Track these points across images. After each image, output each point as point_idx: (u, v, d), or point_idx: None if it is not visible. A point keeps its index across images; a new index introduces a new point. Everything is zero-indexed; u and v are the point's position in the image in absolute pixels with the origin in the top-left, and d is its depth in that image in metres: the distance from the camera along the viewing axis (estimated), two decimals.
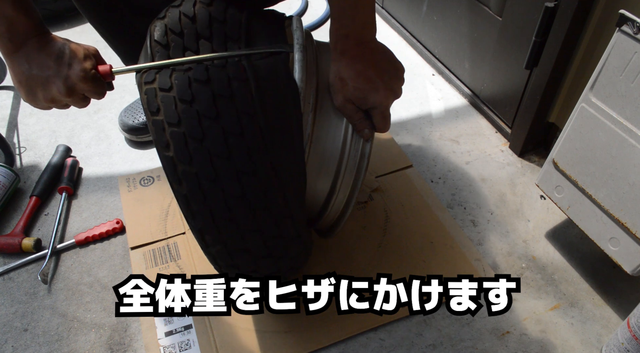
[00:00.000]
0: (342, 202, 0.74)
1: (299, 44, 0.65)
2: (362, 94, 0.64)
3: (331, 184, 0.72)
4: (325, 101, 0.68)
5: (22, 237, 0.94)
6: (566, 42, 0.91)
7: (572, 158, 0.81)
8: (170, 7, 0.63)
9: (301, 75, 0.63)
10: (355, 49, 0.63)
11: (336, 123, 0.68)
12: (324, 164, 0.70)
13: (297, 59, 0.64)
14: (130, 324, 0.84)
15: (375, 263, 0.90)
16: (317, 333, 0.81)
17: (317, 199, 0.74)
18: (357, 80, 0.63)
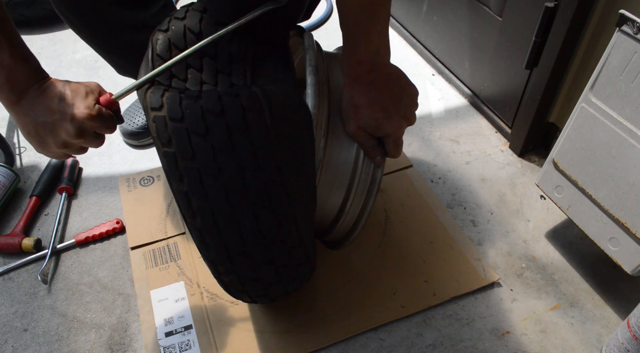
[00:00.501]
0: (351, 222, 0.74)
1: (311, 66, 0.64)
2: (376, 123, 0.63)
3: (341, 205, 0.72)
4: (337, 124, 0.67)
5: (22, 237, 0.94)
6: (566, 42, 0.91)
7: (572, 158, 0.81)
8: (173, 19, 0.62)
9: (314, 101, 0.61)
10: (368, 76, 0.62)
11: (348, 147, 0.68)
12: (334, 186, 0.70)
13: (309, 83, 0.62)
14: (130, 324, 0.84)
15: (375, 264, 0.90)
16: (317, 333, 0.81)
17: (326, 217, 0.74)
18: (370, 109, 0.62)
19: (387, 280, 0.88)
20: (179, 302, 0.85)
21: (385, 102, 0.62)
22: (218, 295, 0.86)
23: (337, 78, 0.70)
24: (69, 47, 1.51)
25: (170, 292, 0.86)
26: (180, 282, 0.88)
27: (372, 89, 0.62)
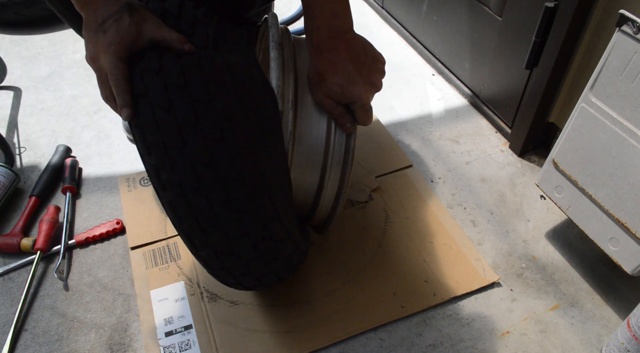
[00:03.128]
0: (332, 197, 0.74)
1: (274, 41, 0.64)
2: (340, 89, 0.63)
3: (319, 179, 0.72)
4: (306, 97, 0.68)
5: (21, 237, 0.94)
6: (566, 42, 0.91)
7: (572, 158, 0.81)
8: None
9: (277, 74, 0.62)
10: (329, 42, 0.62)
11: (318, 118, 0.68)
12: (309, 159, 0.70)
13: (272, 58, 0.63)
14: (130, 324, 0.84)
15: (375, 263, 0.90)
16: (317, 333, 0.81)
17: (307, 195, 0.74)
18: (334, 75, 0.63)
19: (387, 280, 0.88)
20: (179, 301, 0.85)
21: (348, 68, 0.63)
22: (218, 295, 0.86)
23: (305, 58, 0.70)
24: (68, 47, 1.51)
25: (170, 292, 0.86)
26: (180, 282, 0.88)
27: (334, 55, 0.62)
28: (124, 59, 0.54)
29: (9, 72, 1.38)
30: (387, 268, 0.90)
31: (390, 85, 1.34)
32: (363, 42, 0.66)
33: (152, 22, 0.55)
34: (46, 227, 0.94)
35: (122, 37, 0.54)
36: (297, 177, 0.70)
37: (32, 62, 1.45)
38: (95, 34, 0.55)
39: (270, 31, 0.65)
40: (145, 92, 0.54)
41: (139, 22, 0.55)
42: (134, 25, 0.54)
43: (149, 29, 0.55)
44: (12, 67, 1.41)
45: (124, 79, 0.55)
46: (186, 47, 0.56)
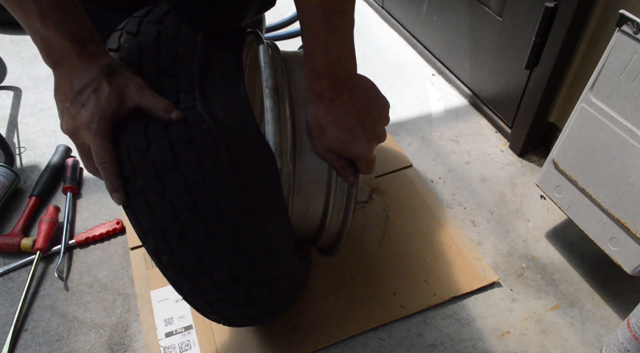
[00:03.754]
0: (334, 233, 0.72)
1: (268, 88, 0.59)
2: (342, 145, 0.59)
3: (319, 224, 0.71)
4: (304, 142, 0.63)
5: (21, 237, 0.94)
6: (566, 42, 0.91)
7: (572, 158, 0.81)
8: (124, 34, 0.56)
9: (274, 128, 0.57)
10: (330, 91, 0.57)
11: (318, 164, 0.64)
12: (309, 207, 0.68)
13: (268, 108, 0.58)
14: (130, 324, 0.84)
15: (376, 263, 0.90)
16: (317, 333, 0.81)
17: (310, 229, 0.73)
18: (335, 130, 0.58)
19: (387, 280, 0.88)
20: (179, 302, 0.85)
21: (350, 122, 0.58)
22: None
23: (300, 82, 0.66)
24: None
25: (171, 292, 0.86)
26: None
27: (336, 106, 0.58)
28: (108, 136, 0.49)
29: (9, 72, 1.38)
30: (387, 268, 0.90)
31: (390, 85, 1.34)
32: (367, 86, 0.62)
33: (134, 87, 0.51)
34: (46, 227, 0.94)
35: (103, 110, 0.49)
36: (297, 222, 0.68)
37: (32, 62, 1.45)
38: (71, 105, 0.49)
39: (263, 75, 0.60)
40: (134, 174, 0.50)
41: (119, 88, 0.50)
42: (114, 94, 0.49)
43: (131, 96, 0.50)
44: (12, 67, 1.41)
45: (111, 161, 0.50)
46: (173, 116, 0.51)
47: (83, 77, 0.49)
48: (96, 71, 0.49)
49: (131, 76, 0.51)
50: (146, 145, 0.49)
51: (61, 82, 0.50)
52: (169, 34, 0.55)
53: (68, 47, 0.49)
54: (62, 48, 0.49)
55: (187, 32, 0.57)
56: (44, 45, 0.49)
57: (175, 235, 0.52)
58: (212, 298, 0.59)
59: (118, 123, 0.50)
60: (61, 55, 0.49)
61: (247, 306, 0.61)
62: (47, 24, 0.48)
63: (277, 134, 0.58)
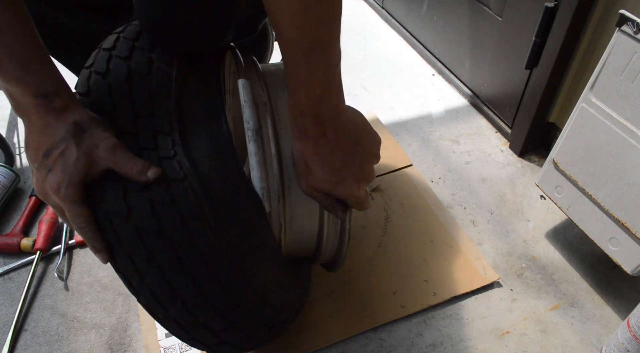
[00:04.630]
0: (330, 258, 0.72)
1: (250, 130, 0.56)
2: (329, 186, 0.57)
3: (314, 251, 0.70)
4: (293, 179, 0.61)
5: (21, 237, 0.94)
6: (566, 42, 0.91)
7: (572, 158, 0.81)
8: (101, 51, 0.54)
9: (260, 174, 0.56)
10: (315, 129, 0.54)
11: (309, 199, 0.62)
12: (302, 239, 0.67)
13: (251, 152, 0.56)
14: (130, 324, 0.84)
15: (376, 263, 0.90)
16: (317, 333, 0.81)
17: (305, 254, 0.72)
18: (322, 171, 0.56)
19: (387, 280, 0.88)
20: None
21: (336, 162, 0.56)
22: None
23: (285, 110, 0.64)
24: None
25: None
26: None
27: (322, 145, 0.55)
28: (79, 201, 0.47)
29: None
30: (387, 268, 0.90)
31: (390, 85, 1.34)
32: (357, 123, 0.59)
33: (104, 148, 0.47)
34: (46, 227, 0.94)
35: (71, 175, 0.46)
36: (291, 251, 0.68)
37: None
38: (39, 168, 0.47)
39: (244, 115, 0.57)
40: (119, 240, 0.48)
41: (88, 150, 0.46)
42: (83, 157, 0.46)
43: (102, 158, 0.47)
44: None
45: (89, 225, 0.47)
46: (150, 175, 0.48)
47: (50, 136, 0.46)
48: (64, 130, 0.46)
49: (102, 135, 0.47)
50: (127, 211, 0.47)
51: (29, 137, 0.47)
52: (140, 71, 0.52)
53: (32, 102, 0.46)
54: (27, 102, 0.46)
55: (160, 66, 0.54)
56: (10, 98, 0.47)
57: (167, 296, 0.51)
58: (210, 342, 0.59)
59: (95, 184, 0.48)
60: (27, 110, 0.46)
61: (246, 343, 0.62)
62: (8, 78, 0.45)
63: (263, 179, 0.56)
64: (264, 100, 0.63)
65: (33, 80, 0.45)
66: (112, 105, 0.51)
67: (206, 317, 0.54)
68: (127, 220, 0.47)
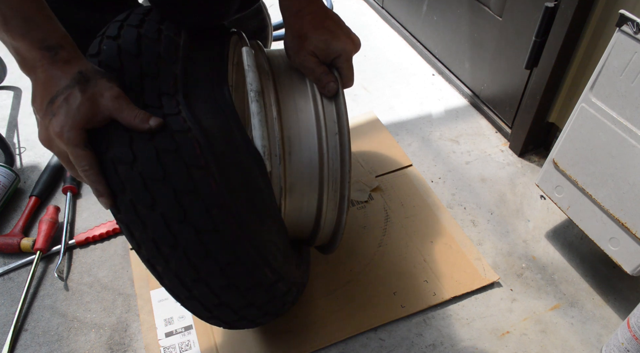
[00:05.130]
0: (330, 232, 0.72)
1: (253, 91, 0.59)
2: (325, 44, 0.64)
3: (314, 223, 0.71)
4: (294, 143, 0.65)
5: (21, 237, 0.94)
6: (566, 42, 0.91)
7: (572, 158, 0.81)
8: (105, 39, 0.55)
9: (261, 133, 0.58)
10: (310, 7, 0.64)
11: (309, 164, 0.65)
12: (303, 207, 0.68)
13: (254, 112, 0.58)
14: (130, 324, 0.84)
15: (375, 263, 0.90)
16: (317, 333, 0.81)
17: (305, 230, 0.72)
18: (317, 31, 0.63)
19: (387, 280, 0.88)
20: None
21: (330, 25, 0.64)
22: None
23: (287, 84, 0.68)
24: None
25: None
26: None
27: (316, 16, 0.64)
28: (82, 144, 0.48)
29: (9, 72, 1.38)
30: (387, 268, 0.90)
31: (390, 85, 1.34)
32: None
33: (108, 96, 0.49)
34: (46, 227, 0.94)
35: (74, 119, 0.47)
36: (292, 221, 0.68)
37: None
38: (44, 115, 0.48)
39: (247, 78, 0.60)
40: (123, 188, 0.49)
41: (93, 97, 0.48)
42: (87, 103, 0.48)
43: (105, 106, 0.49)
44: (12, 67, 1.41)
45: (92, 168, 0.49)
46: (152, 123, 0.50)
47: (55, 85, 0.48)
48: (69, 78, 0.48)
49: (107, 85, 0.49)
50: (132, 157, 0.49)
51: (36, 90, 0.49)
52: (150, 36, 0.55)
53: (38, 55, 0.47)
54: (32, 56, 0.47)
55: (169, 34, 0.56)
56: (16, 54, 0.48)
57: (168, 246, 0.51)
58: (210, 304, 0.59)
59: (101, 132, 0.49)
60: (33, 64, 0.48)
61: (245, 310, 0.61)
62: (13, 34, 0.46)
63: (264, 138, 0.58)
64: (266, 69, 0.67)
65: (38, 34, 0.47)
66: (120, 64, 0.52)
67: (206, 271, 0.54)
68: (132, 166, 0.49)
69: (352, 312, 0.83)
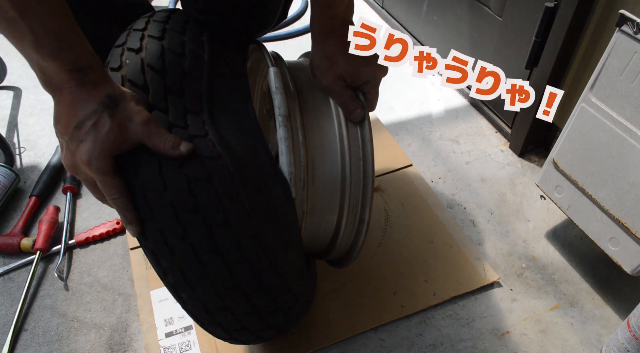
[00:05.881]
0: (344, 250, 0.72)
1: (281, 115, 0.58)
2: (354, 69, 0.63)
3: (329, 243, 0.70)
4: (318, 167, 0.64)
5: (21, 237, 0.94)
6: (566, 42, 0.91)
7: (572, 158, 0.81)
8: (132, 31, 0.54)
9: (288, 159, 0.57)
10: (342, 28, 0.62)
11: (331, 189, 0.65)
12: (321, 228, 0.68)
13: (281, 137, 0.57)
14: (130, 324, 0.84)
15: (376, 263, 0.90)
16: (317, 333, 0.81)
17: (319, 247, 0.72)
18: (348, 55, 0.60)
19: (387, 280, 0.88)
20: None
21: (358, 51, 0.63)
22: None
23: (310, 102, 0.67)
24: None
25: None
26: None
27: (346, 40, 0.61)
28: (111, 172, 0.47)
29: (9, 72, 1.38)
30: (387, 268, 0.90)
31: (390, 85, 1.34)
32: None
33: (137, 121, 0.47)
34: (46, 227, 0.94)
35: (103, 147, 0.46)
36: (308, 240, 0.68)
37: None
38: (70, 140, 0.46)
39: (275, 101, 0.59)
40: (152, 216, 0.48)
41: (122, 123, 0.47)
42: (116, 130, 0.46)
43: (134, 132, 0.47)
44: (12, 67, 1.41)
45: (121, 196, 0.48)
46: (183, 149, 0.48)
47: (82, 108, 0.46)
48: (97, 103, 0.46)
49: (135, 108, 0.48)
50: (163, 186, 0.47)
51: (60, 112, 0.47)
52: (174, 50, 0.53)
53: (66, 77, 0.45)
54: (60, 77, 0.45)
55: (193, 49, 0.55)
56: (41, 73, 0.46)
57: (195, 275, 0.51)
58: (231, 328, 0.59)
59: (129, 156, 0.48)
60: (59, 85, 0.46)
61: (264, 331, 0.62)
62: (43, 53, 0.44)
63: (291, 164, 0.57)
64: (292, 90, 0.66)
65: (69, 55, 0.45)
66: (144, 80, 0.51)
67: (232, 299, 0.54)
68: (162, 195, 0.47)
69: (352, 312, 0.83)
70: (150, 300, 0.86)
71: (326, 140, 0.65)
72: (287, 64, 0.71)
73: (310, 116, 0.65)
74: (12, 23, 0.42)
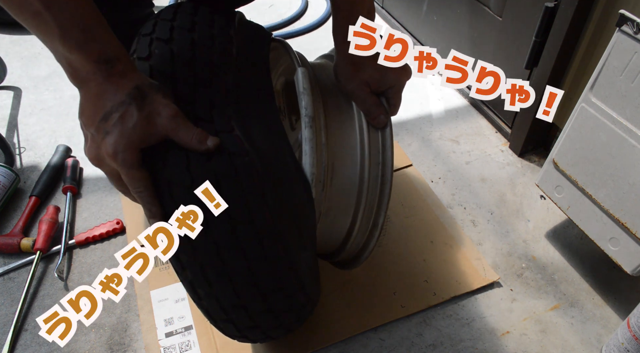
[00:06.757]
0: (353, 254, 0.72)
1: (307, 116, 0.58)
2: (380, 74, 0.63)
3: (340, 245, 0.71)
4: (337, 169, 0.64)
5: (21, 237, 0.94)
6: (566, 42, 0.91)
7: (572, 158, 0.81)
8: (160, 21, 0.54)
9: (312, 160, 0.57)
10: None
11: (347, 191, 0.65)
12: (334, 230, 0.68)
13: (306, 138, 0.57)
14: (130, 324, 0.84)
15: (376, 263, 0.90)
16: (317, 333, 0.81)
17: (328, 249, 0.72)
18: (373, 61, 0.59)
19: (387, 280, 0.88)
20: (179, 302, 0.85)
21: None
22: None
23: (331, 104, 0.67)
24: None
25: (171, 292, 0.86)
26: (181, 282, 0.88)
27: None
28: (137, 165, 0.46)
29: (9, 72, 1.38)
30: (387, 268, 0.90)
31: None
32: None
33: (165, 115, 0.46)
34: (46, 227, 0.94)
35: (129, 139, 0.45)
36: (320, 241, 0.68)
37: (32, 62, 1.45)
38: (96, 132, 0.45)
39: (302, 102, 0.59)
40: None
41: (150, 116, 0.46)
42: (143, 122, 0.45)
43: (162, 125, 0.46)
44: (12, 67, 1.41)
45: (147, 189, 0.47)
46: (210, 144, 0.48)
47: (109, 100, 0.45)
48: (124, 94, 0.45)
49: (163, 101, 0.47)
50: (190, 180, 0.47)
51: (86, 103, 0.46)
52: (204, 42, 0.53)
53: (92, 68, 0.44)
54: (87, 69, 0.44)
55: (222, 41, 0.54)
56: (68, 66, 0.45)
57: (214, 272, 0.51)
58: (243, 326, 0.59)
59: (155, 149, 0.47)
60: (86, 77, 0.45)
61: (274, 330, 0.62)
62: (70, 45, 0.43)
63: (314, 164, 0.58)
64: (317, 92, 0.66)
65: (95, 46, 0.44)
66: (172, 70, 0.50)
67: (249, 297, 0.54)
68: (189, 191, 0.46)
69: (352, 312, 0.83)
70: (150, 300, 0.86)
71: (347, 142, 0.65)
72: (311, 64, 0.71)
73: (333, 118, 0.65)
74: (37, 16, 0.42)
